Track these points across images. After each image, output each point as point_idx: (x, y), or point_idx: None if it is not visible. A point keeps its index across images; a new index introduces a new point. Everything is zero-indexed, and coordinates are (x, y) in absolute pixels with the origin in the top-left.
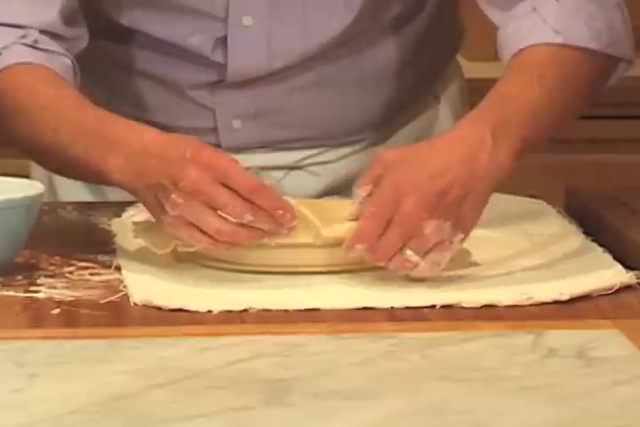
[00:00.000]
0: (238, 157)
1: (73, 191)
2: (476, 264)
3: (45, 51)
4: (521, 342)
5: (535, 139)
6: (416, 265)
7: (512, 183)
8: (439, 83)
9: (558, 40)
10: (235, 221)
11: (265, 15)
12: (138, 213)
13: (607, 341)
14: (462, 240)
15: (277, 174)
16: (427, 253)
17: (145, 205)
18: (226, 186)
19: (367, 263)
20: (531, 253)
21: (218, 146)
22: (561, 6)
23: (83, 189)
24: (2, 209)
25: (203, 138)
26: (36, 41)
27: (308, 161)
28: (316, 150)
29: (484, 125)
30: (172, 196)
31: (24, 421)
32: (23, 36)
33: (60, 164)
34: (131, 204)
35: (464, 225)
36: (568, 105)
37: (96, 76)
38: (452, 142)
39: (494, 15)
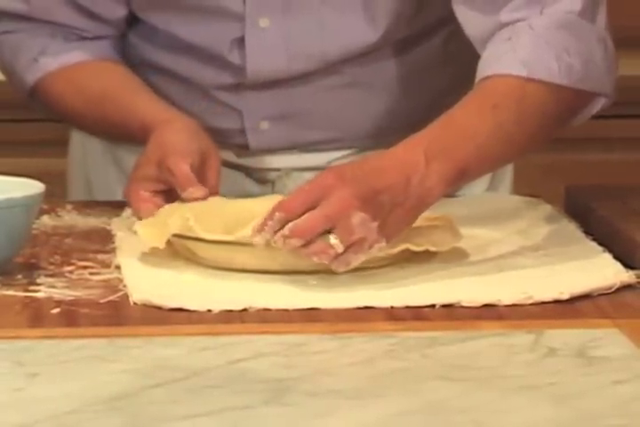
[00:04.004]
0: (268, 158)
1: (109, 191)
2: (470, 264)
3: (78, 39)
4: (521, 341)
5: (477, 168)
6: (337, 254)
7: (512, 183)
8: (471, 87)
9: (523, 73)
10: None
11: (281, 17)
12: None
13: (607, 340)
14: (381, 249)
15: (307, 176)
16: (347, 247)
17: None
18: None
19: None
20: (530, 253)
21: (246, 147)
22: (535, 38)
23: (119, 188)
24: (2, 208)
25: (231, 139)
26: (65, 37)
27: (338, 163)
28: (344, 152)
29: (420, 149)
30: None
31: (24, 420)
32: (52, 36)
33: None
34: None
35: (387, 233)
36: (524, 138)
37: None
38: (386, 160)
39: (469, 32)
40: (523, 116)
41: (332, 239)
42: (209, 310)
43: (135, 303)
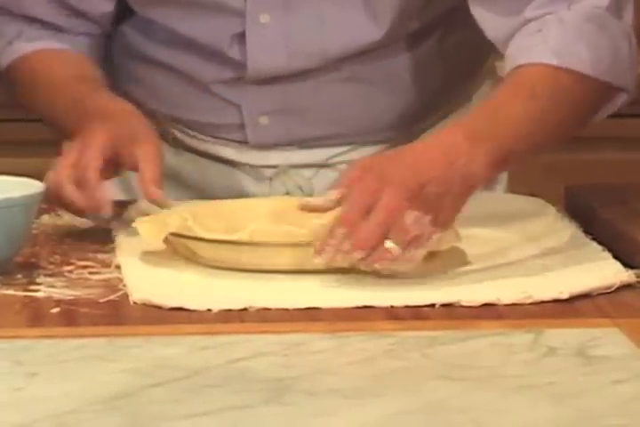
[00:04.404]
0: (266, 154)
1: None
2: (469, 263)
3: (55, 31)
4: (521, 340)
5: (517, 153)
6: (396, 258)
7: (512, 183)
8: (471, 83)
9: (554, 62)
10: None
11: (281, 13)
12: (141, 211)
13: (607, 339)
14: (438, 238)
15: (307, 173)
16: (405, 247)
17: None
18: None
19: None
20: (530, 252)
21: (245, 143)
22: (565, 30)
23: (114, 188)
24: (1, 208)
25: (230, 135)
26: (42, 26)
27: (337, 159)
28: (343, 148)
29: (461, 134)
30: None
31: (23, 420)
32: (30, 24)
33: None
34: (131, 203)
35: (442, 223)
36: (558, 126)
37: (126, 73)
38: (428, 147)
39: (491, 32)
40: (556, 103)
41: (388, 243)
42: (209, 310)
43: (135, 303)
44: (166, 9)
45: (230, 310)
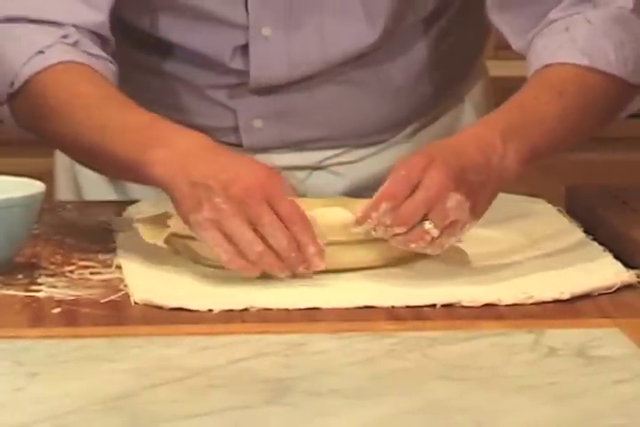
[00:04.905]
0: (261, 156)
1: (97, 191)
2: (470, 263)
3: (86, 52)
4: (521, 341)
5: (545, 151)
6: (433, 239)
7: (512, 183)
8: (464, 84)
9: (585, 62)
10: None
11: (283, 26)
12: (141, 212)
13: (608, 339)
14: (470, 228)
15: (300, 174)
16: (442, 230)
17: (177, 200)
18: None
19: (368, 258)
20: (531, 253)
21: (239, 146)
22: (592, 29)
23: (107, 188)
24: (1, 208)
25: (225, 138)
26: (77, 42)
27: (330, 161)
28: (337, 151)
29: (495, 129)
30: (217, 199)
31: (24, 420)
32: (64, 37)
33: (102, 161)
34: (131, 203)
35: (477, 213)
36: (584, 125)
37: (121, 77)
38: (464, 140)
39: (516, 42)
40: (584, 102)
41: (427, 224)
42: (210, 310)
43: (136, 303)
44: (165, 20)
45: (231, 311)
